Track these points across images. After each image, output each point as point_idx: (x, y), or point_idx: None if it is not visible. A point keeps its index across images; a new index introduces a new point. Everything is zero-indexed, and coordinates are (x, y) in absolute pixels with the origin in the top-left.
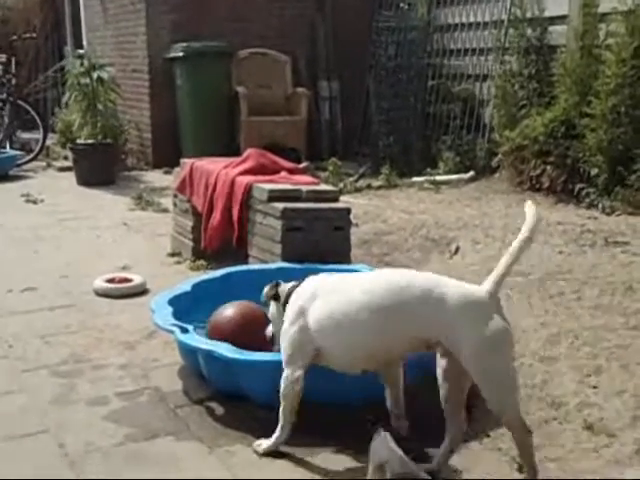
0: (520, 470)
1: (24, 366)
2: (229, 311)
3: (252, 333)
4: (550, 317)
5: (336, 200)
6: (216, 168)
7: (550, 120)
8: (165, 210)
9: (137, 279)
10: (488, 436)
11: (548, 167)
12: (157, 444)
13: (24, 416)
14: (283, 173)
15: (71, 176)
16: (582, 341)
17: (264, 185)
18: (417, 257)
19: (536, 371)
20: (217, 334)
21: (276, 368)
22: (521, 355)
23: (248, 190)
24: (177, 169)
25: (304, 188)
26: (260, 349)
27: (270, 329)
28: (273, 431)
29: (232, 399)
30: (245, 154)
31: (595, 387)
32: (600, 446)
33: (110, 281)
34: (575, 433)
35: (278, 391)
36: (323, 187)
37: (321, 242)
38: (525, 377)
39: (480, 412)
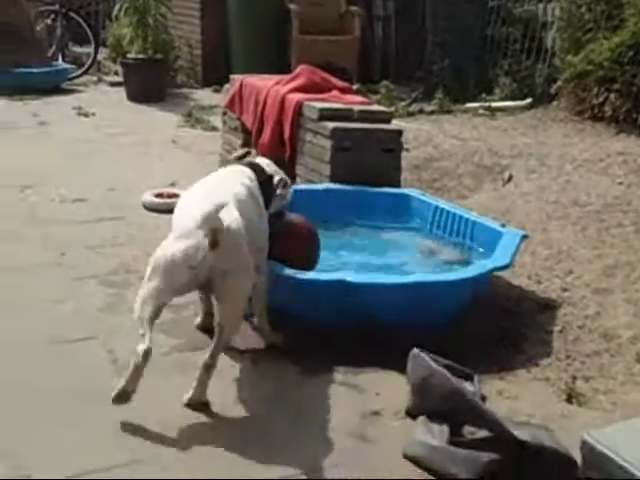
0: (569, 400)
1: (75, 274)
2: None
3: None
4: (607, 249)
5: (389, 121)
6: (267, 85)
7: (617, 45)
8: (214, 128)
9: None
10: (537, 365)
11: (612, 95)
12: (202, 356)
13: (75, 322)
14: (335, 92)
15: (122, 91)
16: (639, 274)
17: (315, 103)
18: (468, 184)
19: (589, 303)
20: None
21: (322, 287)
22: (574, 286)
23: (299, 108)
24: (227, 86)
25: (356, 108)
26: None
27: None
28: (316, 351)
29: (277, 316)
30: (296, 71)
31: None
32: None
33: (158, 196)
34: (627, 365)
35: (328, 310)
36: (375, 107)
37: (371, 164)
38: (577, 308)
39: (528, 343)
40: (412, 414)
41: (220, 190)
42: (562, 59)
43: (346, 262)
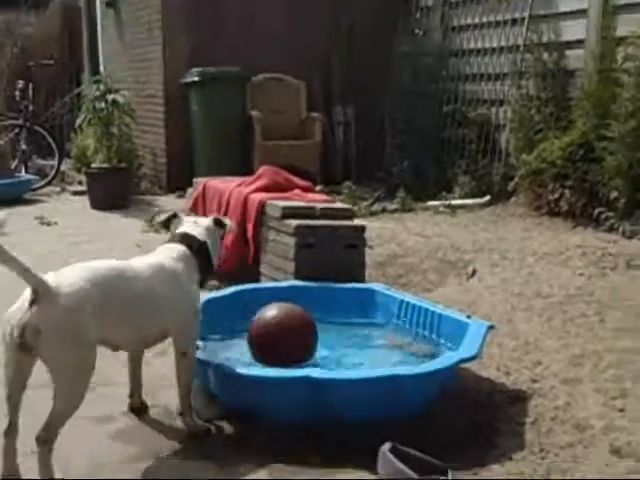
0: None
1: (31, 384)
2: (272, 311)
3: (297, 334)
4: (572, 339)
5: (351, 218)
6: (229, 187)
7: (568, 144)
8: None
9: None
10: (511, 459)
11: (566, 191)
12: (165, 464)
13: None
14: (297, 191)
15: (85, 200)
16: (606, 363)
17: (278, 202)
18: (433, 279)
19: (559, 393)
20: (260, 333)
21: (293, 383)
22: (543, 377)
23: (262, 207)
24: (190, 189)
25: (319, 205)
26: (304, 353)
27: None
28: (286, 447)
29: (242, 418)
30: (259, 172)
31: (621, 410)
32: (630, 471)
33: None
34: (602, 457)
35: (295, 407)
36: (338, 205)
37: (335, 260)
38: (548, 399)
39: (501, 437)
40: None
41: (86, 265)
42: (517, 158)
43: (313, 359)
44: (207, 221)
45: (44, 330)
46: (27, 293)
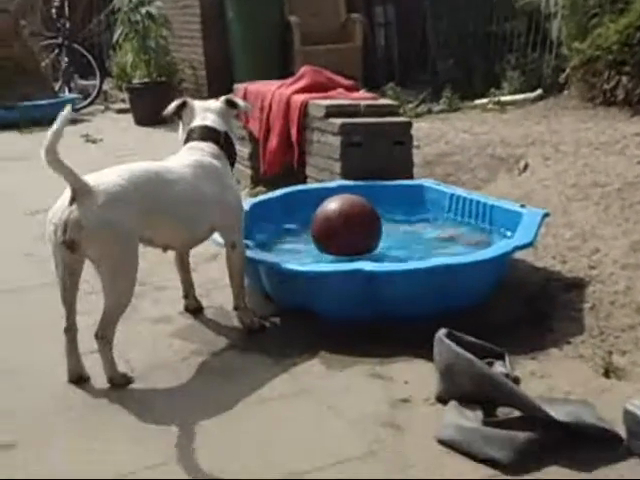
0: (606, 375)
1: (89, 289)
2: (335, 204)
3: (360, 226)
4: (631, 225)
5: (397, 114)
6: (270, 89)
7: (625, 27)
8: None
9: None
10: (569, 343)
11: (623, 78)
12: (222, 357)
13: (91, 335)
14: (340, 90)
15: (129, 117)
16: None
17: (321, 101)
18: (483, 176)
19: (618, 279)
20: (322, 228)
21: (341, 279)
22: (601, 264)
23: (304, 108)
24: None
25: (363, 103)
26: (367, 244)
27: None
28: (336, 343)
29: (296, 315)
30: (300, 72)
31: None
32: None
33: None
34: None
35: (349, 302)
36: (383, 101)
37: (382, 158)
38: (607, 285)
39: (559, 322)
40: (442, 400)
41: (125, 166)
42: (569, 47)
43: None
44: (218, 105)
45: (85, 225)
46: (67, 193)
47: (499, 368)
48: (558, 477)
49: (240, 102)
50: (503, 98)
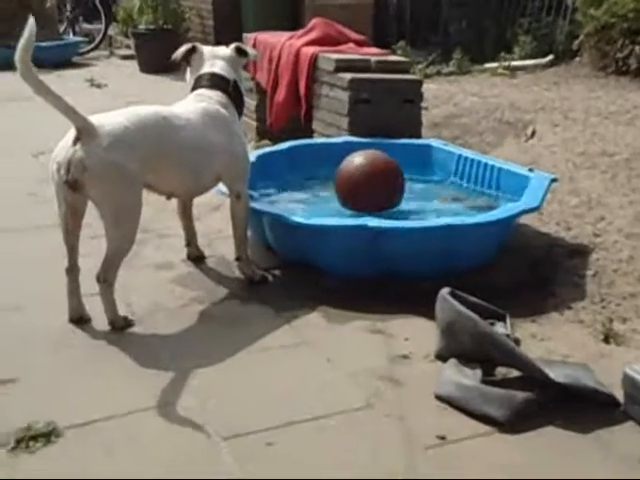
0: (606, 340)
1: (91, 233)
2: (359, 159)
3: (383, 182)
4: (637, 195)
5: (408, 72)
6: (280, 40)
7: None
8: None
9: None
10: (570, 308)
11: (637, 47)
12: (223, 306)
13: (92, 278)
14: (351, 44)
15: (134, 64)
16: None
17: (331, 55)
18: (490, 140)
19: (623, 247)
20: (345, 183)
21: (346, 233)
22: (605, 232)
23: (314, 61)
24: None
25: (373, 58)
26: (389, 199)
27: None
28: (338, 298)
29: (299, 268)
30: (310, 24)
31: None
32: None
33: None
34: None
35: (352, 258)
36: (394, 58)
37: (391, 116)
38: (611, 253)
39: (561, 287)
40: (442, 357)
41: (131, 109)
42: (584, 13)
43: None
44: (228, 52)
45: (89, 165)
46: (71, 133)
47: (500, 329)
48: (553, 437)
49: (250, 50)
50: (514, 63)
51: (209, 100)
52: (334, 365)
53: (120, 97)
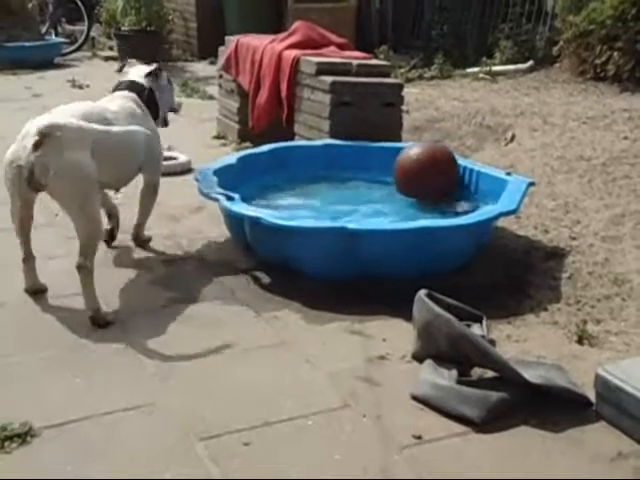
0: (580, 342)
1: (70, 234)
2: (415, 150)
3: (439, 173)
4: (614, 199)
5: (388, 75)
6: (262, 43)
7: (620, 1)
8: (210, 97)
9: (182, 157)
10: (546, 310)
11: (615, 53)
12: (202, 307)
13: (71, 278)
14: (332, 47)
15: (116, 65)
16: None
17: (312, 58)
18: (470, 144)
19: (598, 250)
20: (402, 173)
21: (325, 235)
22: (581, 235)
23: (295, 64)
24: (222, 48)
25: (355, 62)
26: (444, 190)
27: None
28: (317, 299)
29: (278, 269)
30: (293, 27)
31: None
32: None
33: None
34: (639, 308)
35: (331, 260)
36: (375, 61)
37: (372, 119)
38: (586, 256)
39: (537, 290)
40: (419, 358)
41: (72, 106)
42: (563, 20)
43: (348, 214)
44: (148, 69)
45: (52, 168)
46: (26, 134)
47: (476, 330)
48: (527, 437)
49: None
50: (495, 68)
51: (127, 99)
52: (312, 365)
53: (100, 98)
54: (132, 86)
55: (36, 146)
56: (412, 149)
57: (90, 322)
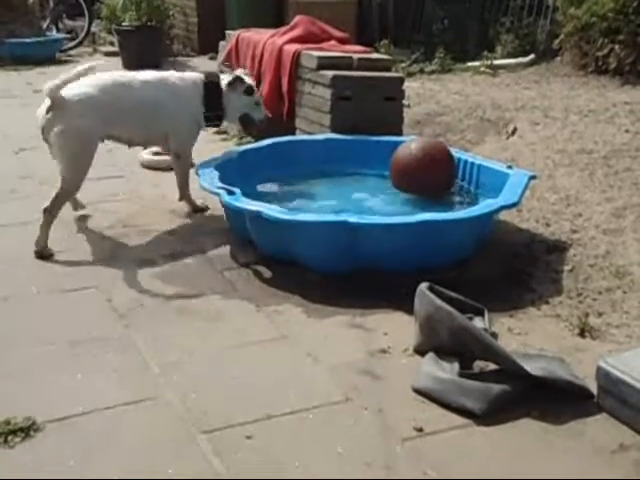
0: (581, 334)
1: (73, 229)
2: (412, 146)
3: (434, 168)
4: (615, 192)
5: (389, 69)
6: (263, 38)
7: None
8: None
9: None
10: (547, 303)
11: (616, 46)
12: (204, 301)
13: (74, 273)
14: (333, 42)
15: (117, 61)
16: None
17: (313, 52)
18: (471, 137)
19: (600, 243)
20: (398, 169)
21: (326, 229)
22: (583, 228)
23: (296, 59)
24: (222, 43)
25: (356, 56)
26: (440, 185)
27: None
28: (318, 293)
29: (280, 263)
30: (293, 21)
31: None
32: None
33: (157, 154)
34: None
35: (333, 254)
36: (376, 55)
37: (372, 113)
38: (588, 248)
39: (538, 283)
40: (420, 351)
41: (93, 77)
42: (564, 13)
43: (350, 208)
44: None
45: (54, 131)
46: (46, 103)
47: (478, 323)
48: (529, 429)
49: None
50: (496, 61)
51: (187, 80)
52: (314, 359)
53: None
54: (207, 75)
55: (47, 111)
56: (408, 145)
57: (35, 256)
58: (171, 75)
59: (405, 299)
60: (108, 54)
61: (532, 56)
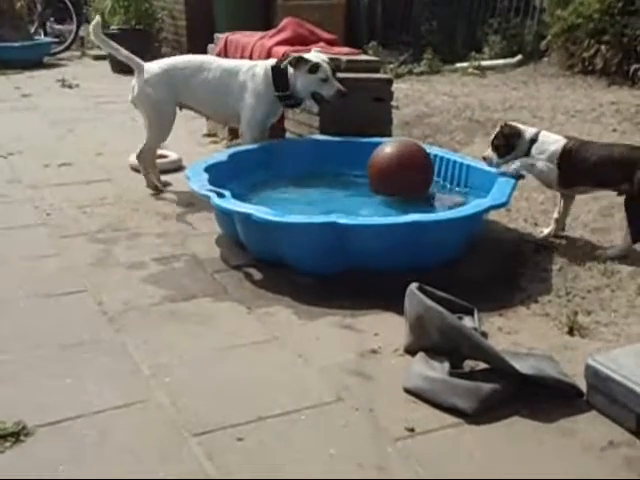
0: (570, 333)
1: (62, 233)
2: (387, 149)
3: (409, 170)
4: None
5: (377, 70)
6: (251, 40)
7: None
8: None
9: (173, 155)
10: (536, 302)
11: (602, 47)
12: (195, 304)
13: (63, 277)
14: (321, 43)
15: (106, 64)
16: None
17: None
18: (460, 138)
19: (587, 241)
20: (375, 172)
21: (315, 230)
22: (571, 227)
23: None
24: (211, 46)
25: (344, 58)
26: (415, 187)
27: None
28: (308, 294)
29: (270, 265)
30: (282, 24)
31: None
32: None
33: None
34: (629, 299)
35: (322, 254)
36: (364, 57)
37: (361, 114)
38: (576, 247)
39: (527, 282)
40: (411, 351)
41: (170, 59)
42: (551, 14)
43: (339, 210)
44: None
45: (135, 93)
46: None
47: (468, 323)
48: (519, 427)
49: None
50: (484, 62)
51: (256, 67)
52: (305, 360)
53: (91, 97)
54: (278, 61)
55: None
56: (382, 148)
57: (151, 194)
58: (243, 64)
59: (395, 299)
60: (97, 58)
61: (519, 57)
